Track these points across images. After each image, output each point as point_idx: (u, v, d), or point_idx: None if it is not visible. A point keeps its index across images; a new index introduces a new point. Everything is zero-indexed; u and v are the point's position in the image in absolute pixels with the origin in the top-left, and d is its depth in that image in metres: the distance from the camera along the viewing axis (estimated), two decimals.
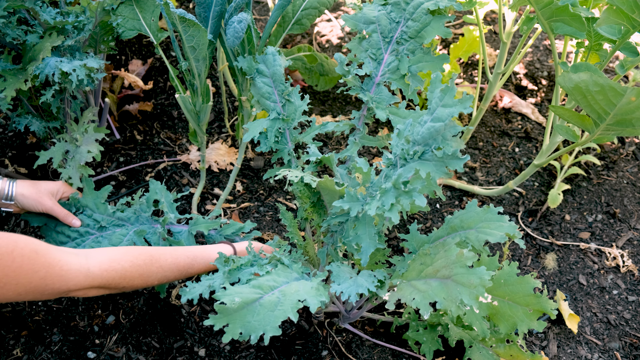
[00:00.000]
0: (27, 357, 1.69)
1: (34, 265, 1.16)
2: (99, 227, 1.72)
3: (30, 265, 1.15)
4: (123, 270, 1.35)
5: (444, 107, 1.22)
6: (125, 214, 1.77)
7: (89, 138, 1.88)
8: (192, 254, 1.53)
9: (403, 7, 1.68)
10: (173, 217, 1.77)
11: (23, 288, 1.15)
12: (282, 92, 1.71)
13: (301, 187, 1.60)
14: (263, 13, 3.06)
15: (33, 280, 1.16)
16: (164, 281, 1.48)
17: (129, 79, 2.43)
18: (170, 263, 1.47)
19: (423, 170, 1.19)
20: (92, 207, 1.75)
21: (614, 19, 1.56)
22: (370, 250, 1.32)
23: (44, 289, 1.19)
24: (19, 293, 1.15)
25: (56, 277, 1.20)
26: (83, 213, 1.75)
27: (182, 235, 1.75)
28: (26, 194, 1.62)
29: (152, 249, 1.48)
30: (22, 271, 1.14)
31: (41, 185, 1.68)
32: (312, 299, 1.15)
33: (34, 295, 1.19)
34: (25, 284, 1.15)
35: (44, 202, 1.64)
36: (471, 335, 1.65)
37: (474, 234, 1.38)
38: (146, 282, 1.42)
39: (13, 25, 1.77)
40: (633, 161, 2.47)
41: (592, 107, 1.50)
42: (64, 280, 1.22)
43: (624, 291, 2.02)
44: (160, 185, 1.79)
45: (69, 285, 1.23)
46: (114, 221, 1.75)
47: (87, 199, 1.76)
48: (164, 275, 1.45)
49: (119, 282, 1.35)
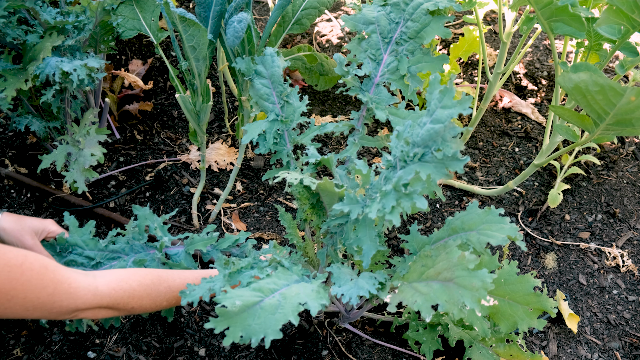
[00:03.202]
0: (27, 357, 1.70)
1: (42, 281, 1.15)
2: (94, 264, 1.62)
3: (39, 280, 1.14)
4: (131, 290, 1.34)
5: (443, 109, 1.21)
6: (119, 246, 1.67)
7: (92, 140, 1.88)
8: (199, 275, 1.51)
9: (402, 8, 1.68)
10: (167, 239, 1.70)
11: (31, 303, 1.14)
12: (281, 93, 1.70)
13: (300, 189, 1.60)
14: (263, 13, 3.06)
15: (41, 296, 1.15)
16: (172, 303, 1.45)
17: (129, 78, 2.43)
18: (179, 284, 1.45)
19: (423, 172, 1.19)
20: (82, 245, 1.64)
21: (614, 19, 1.56)
22: (372, 252, 1.32)
23: (52, 306, 1.18)
24: (27, 309, 1.14)
25: (64, 294, 1.19)
26: (73, 252, 1.63)
27: (180, 257, 1.70)
28: (8, 229, 1.52)
29: (160, 270, 1.46)
30: (31, 285, 1.13)
31: (26, 221, 1.57)
32: (313, 302, 1.15)
33: (42, 312, 1.18)
34: (33, 299, 1.14)
35: (25, 240, 1.54)
36: (471, 335, 1.65)
37: (475, 236, 1.37)
38: (155, 303, 1.40)
39: (13, 25, 1.77)
40: (633, 161, 2.47)
41: (592, 106, 1.50)
42: (72, 298, 1.21)
43: (623, 291, 2.02)
44: (148, 211, 1.72)
45: (77, 304, 1.22)
46: (107, 255, 1.65)
47: (74, 237, 1.64)
48: (173, 296, 1.43)
49: (128, 301, 1.33)
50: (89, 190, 2.16)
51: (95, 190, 2.16)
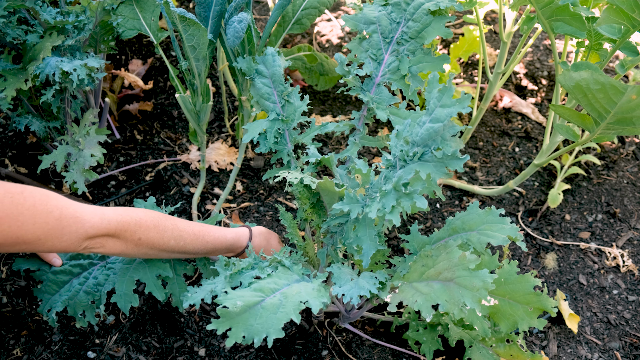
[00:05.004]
0: (27, 356, 1.69)
1: (47, 206, 1.15)
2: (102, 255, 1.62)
3: (44, 205, 1.14)
4: (138, 218, 1.34)
5: (443, 108, 1.21)
6: None
7: (92, 141, 1.88)
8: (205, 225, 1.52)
9: (404, 8, 1.68)
10: None
11: (41, 230, 1.14)
12: (282, 92, 1.70)
13: (300, 188, 1.60)
14: (263, 13, 3.06)
15: (49, 220, 1.15)
16: (180, 243, 1.43)
17: (129, 78, 2.43)
18: (185, 225, 1.45)
19: (423, 171, 1.19)
20: None
21: (614, 19, 1.56)
22: (371, 252, 1.32)
23: (62, 232, 1.18)
24: (38, 237, 1.14)
25: (71, 218, 1.19)
26: None
27: None
28: None
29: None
30: (37, 210, 1.13)
31: None
32: (314, 300, 1.15)
33: (53, 241, 1.18)
34: (42, 224, 1.14)
35: None
36: (471, 335, 1.65)
37: (475, 236, 1.37)
38: (162, 238, 1.39)
39: (13, 25, 1.77)
40: (633, 161, 2.47)
41: (592, 105, 1.50)
42: (80, 222, 1.21)
43: (624, 291, 2.02)
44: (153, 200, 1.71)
45: (85, 228, 1.21)
46: None
47: None
48: (180, 235, 1.43)
49: (135, 229, 1.32)
50: (89, 190, 2.15)
51: (95, 191, 2.16)
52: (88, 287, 1.56)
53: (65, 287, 1.56)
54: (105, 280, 1.57)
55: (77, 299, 1.54)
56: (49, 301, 1.55)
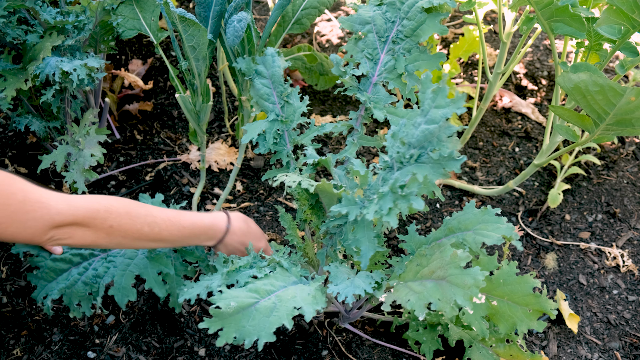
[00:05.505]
0: (27, 356, 1.70)
1: (10, 187, 1.09)
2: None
3: (7, 186, 1.09)
4: (108, 205, 1.25)
5: (437, 108, 1.21)
6: None
7: (91, 141, 1.88)
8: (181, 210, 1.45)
9: (398, 7, 1.68)
10: None
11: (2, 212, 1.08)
12: (281, 93, 1.70)
13: (299, 190, 1.60)
14: (263, 13, 3.06)
15: (12, 203, 1.09)
16: (155, 229, 1.34)
17: (129, 78, 2.43)
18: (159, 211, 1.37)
19: (420, 173, 1.19)
20: None
21: (614, 19, 1.56)
22: (370, 253, 1.32)
23: (26, 219, 1.11)
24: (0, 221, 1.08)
25: (36, 203, 1.12)
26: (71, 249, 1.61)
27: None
28: None
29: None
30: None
31: None
32: (308, 306, 1.15)
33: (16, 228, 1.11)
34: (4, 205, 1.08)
35: None
36: (471, 335, 1.65)
37: (471, 236, 1.37)
38: (134, 225, 1.30)
39: (13, 25, 1.77)
40: (633, 161, 2.47)
41: (591, 107, 1.50)
42: (46, 207, 1.13)
43: (624, 291, 2.02)
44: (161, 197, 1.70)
45: (51, 214, 1.14)
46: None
47: None
48: (154, 221, 1.34)
49: (105, 216, 1.24)
50: (89, 190, 2.16)
51: (95, 190, 2.16)
52: (87, 278, 1.53)
53: (63, 276, 1.54)
54: (105, 273, 1.55)
55: (74, 289, 1.52)
56: (45, 288, 1.52)
